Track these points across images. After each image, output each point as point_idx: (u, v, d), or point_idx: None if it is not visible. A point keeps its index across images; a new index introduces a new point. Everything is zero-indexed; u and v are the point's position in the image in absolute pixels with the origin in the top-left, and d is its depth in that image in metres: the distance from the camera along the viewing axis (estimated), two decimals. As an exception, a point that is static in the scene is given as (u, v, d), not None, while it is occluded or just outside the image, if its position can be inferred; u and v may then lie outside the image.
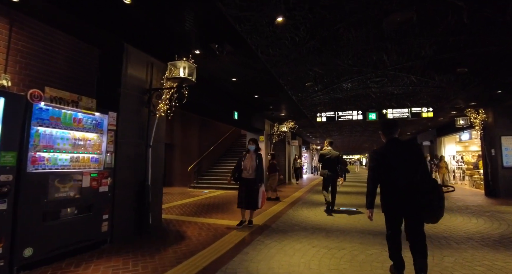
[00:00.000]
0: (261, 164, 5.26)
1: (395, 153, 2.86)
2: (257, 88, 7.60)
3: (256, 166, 5.20)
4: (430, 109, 8.38)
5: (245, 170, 5.28)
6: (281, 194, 10.18)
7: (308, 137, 21.83)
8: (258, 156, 5.30)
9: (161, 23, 4.33)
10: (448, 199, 9.01)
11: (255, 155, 5.33)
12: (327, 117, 9.25)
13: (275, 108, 9.97)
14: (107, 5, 3.77)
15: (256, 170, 5.19)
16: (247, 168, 5.26)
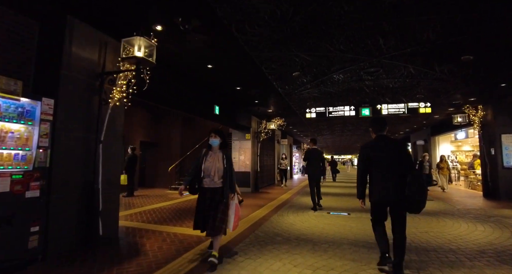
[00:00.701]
0: (231, 166, 3.69)
1: (382, 147, 3.11)
2: (238, 79, 6.80)
3: (224, 169, 3.55)
4: (428, 105, 7.73)
5: (207, 175, 3.53)
6: (268, 197, 9.40)
7: (299, 136, 21.14)
8: (226, 155, 3.66)
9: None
10: (446, 201, 8.38)
11: (222, 153, 3.66)
12: (317, 113, 8.53)
13: (261, 103, 9.18)
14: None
15: (225, 175, 3.55)
16: (210, 172, 3.51)
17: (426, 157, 10.86)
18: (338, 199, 8.92)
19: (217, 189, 3.52)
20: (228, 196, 3.54)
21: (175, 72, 6.11)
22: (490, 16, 4.09)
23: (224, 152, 3.70)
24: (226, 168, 3.56)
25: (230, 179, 3.59)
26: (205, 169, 3.54)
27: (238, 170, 11.18)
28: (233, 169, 3.78)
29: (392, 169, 2.99)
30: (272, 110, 10.33)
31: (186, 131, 13.28)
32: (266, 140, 13.23)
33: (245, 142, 11.20)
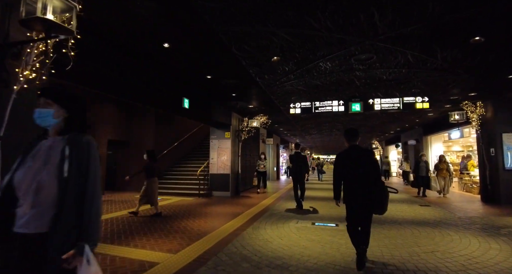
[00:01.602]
0: (92, 175, 1.47)
1: (354, 155, 3.54)
2: (206, 64, 5.73)
3: (59, 185, 1.39)
4: (425, 99, 6.88)
5: (21, 201, 1.40)
6: (247, 202, 8.38)
7: (286, 136, 20.22)
8: (76, 149, 1.46)
9: None
10: (443, 207, 7.54)
11: (64, 145, 1.47)
12: (302, 108, 7.57)
13: (239, 97, 8.15)
14: None
15: (60, 202, 1.38)
16: (21, 193, 1.39)
17: (423, 157, 10.00)
18: (325, 204, 7.98)
19: (34, 239, 1.36)
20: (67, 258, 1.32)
21: (121, 50, 4.97)
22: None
23: (71, 141, 1.49)
24: (68, 179, 1.40)
25: (76, 208, 1.40)
26: (16, 185, 1.42)
27: (216, 172, 10.13)
28: (97, 184, 1.49)
29: (361, 174, 3.39)
30: (253, 106, 9.32)
31: (161, 130, 12.13)
32: (250, 139, 12.20)
33: (224, 140, 10.15)
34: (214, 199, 9.25)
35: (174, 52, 5.07)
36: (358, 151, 3.58)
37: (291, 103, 7.67)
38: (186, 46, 4.80)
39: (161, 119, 12.06)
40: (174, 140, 12.69)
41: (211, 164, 10.22)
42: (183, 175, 11.38)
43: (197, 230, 5.13)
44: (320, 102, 7.45)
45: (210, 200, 9.14)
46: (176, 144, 12.56)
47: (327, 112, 7.41)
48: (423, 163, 9.80)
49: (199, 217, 6.31)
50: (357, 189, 3.39)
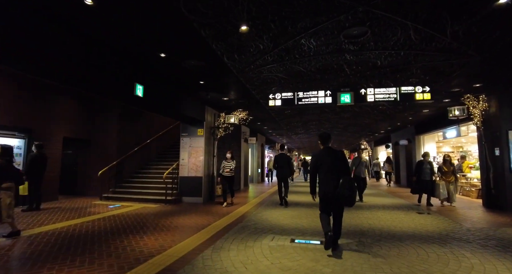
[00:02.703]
0: None
1: (327, 156, 4.08)
2: (153, 35, 4.46)
3: None
4: (426, 89, 5.84)
5: None
6: (220, 210, 7.14)
7: (272, 135, 19.08)
8: None
9: None
10: (447, 215, 6.52)
11: None
12: (283, 99, 6.43)
13: (209, 86, 6.92)
14: None
15: None
16: None
17: (427, 157, 8.20)
18: (309, 211, 6.83)
19: None
20: None
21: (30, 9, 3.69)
22: None
23: None
24: None
25: None
26: None
27: (187, 174, 8.86)
28: None
29: (333, 172, 3.93)
30: (228, 98, 8.10)
31: (127, 127, 10.76)
32: (229, 137, 10.99)
33: (197, 138, 8.89)
34: (182, 206, 7.97)
35: (103, 16, 3.79)
36: (331, 151, 4.13)
37: (271, 94, 6.50)
38: (116, 4, 3.52)
39: (127, 116, 10.68)
40: (144, 139, 11.33)
41: (181, 165, 8.94)
42: (151, 178, 10.04)
43: (138, 253, 3.87)
44: (304, 92, 6.31)
45: (178, 207, 7.86)
46: (144, 143, 11.19)
47: (312, 105, 6.28)
48: (427, 164, 8.03)
49: (151, 232, 5.05)
50: (329, 184, 3.88)
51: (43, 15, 3.81)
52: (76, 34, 4.29)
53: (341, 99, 6.11)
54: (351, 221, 5.98)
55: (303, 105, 6.37)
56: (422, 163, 8.17)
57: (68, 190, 10.56)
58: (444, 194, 7.61)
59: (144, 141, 11.31)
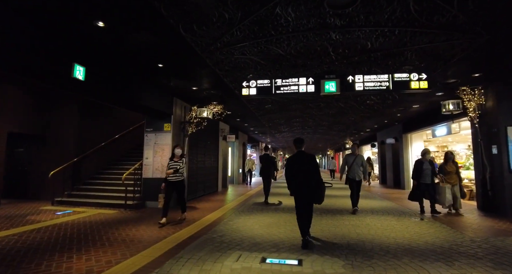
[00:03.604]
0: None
1: (300, 159, 4.49)
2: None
3: None
4: (423, 77, 5.05)
5: None
6: (188, 217, 6.05)
7: (254, 133, 18.15)
8: None
9: None
10: (444, 222, 5.76)
11: None
12: (258, 88, 5.48)
13: (170, 70, 5.85)
14: None
15: None
16: None
17: (427, 155, 6.78)
18: (288, 217, 5.92)
19: None
20: None
21: None
22: None
23: None
24: None
25: None
26: None
27: (151, 175, 7.76)
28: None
29: (305, 173, 4.35)
30: (197, 87, 7.05)
31: (88, 123, 9.52)
32: (204, 134, 9.96)
33: (163, 134, 7.80)
34: (144, 213, 6.88)
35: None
36: (303, 155, 4.52)
37: (245, 82, 5.53)
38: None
39: (89, 110, 9.44)
40: (109, 136, 10.11)
41: (145, 165, 7.83)
42: (112, 179, 8.87)
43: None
44: (282, 80, 5.38)
45: (138, 213, 6.77)
46: (109, 140, 9.98)
47: (292, 94, 5.35)
48: (428, 164, 6.65)
49: (87, 248, 3.97)
50: (302, 184, 4.32)
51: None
52: None
53: (325, 88, 5.22)
54: (337, 230, 5.10)
55: (282, 95, 5.43)
56: (421, 162, 6.72)
57: (18, 193, 9.23)
58: (449, 200, 6.44)
59: (110, 138, 10.09)
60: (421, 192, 6.64)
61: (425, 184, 6.61)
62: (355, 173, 6.74)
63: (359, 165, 6.74)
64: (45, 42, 4.11)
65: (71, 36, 4.26)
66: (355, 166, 6.74)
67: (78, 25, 3.94)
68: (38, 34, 4.00)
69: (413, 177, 6.85)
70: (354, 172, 6.75)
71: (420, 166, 6.71)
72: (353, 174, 6.76)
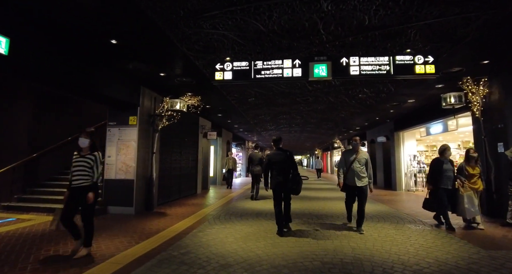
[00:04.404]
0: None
1: (279, 155, 4.92)
2: None
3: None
4: (429, 60, 4.26)
5: None
6: (152, 226, 5.11)
7: (240, 131, 17.21)
8: None
9: None
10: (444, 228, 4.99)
11: None
12: (234, 71, 4.55)
13: (127, 48, 4.83)
14: None
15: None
16: None
17: (447, 152, 5.32)
18: (270, 226, 5.02)
19: None
20: None
21: None
22: None
23: None
24: None
25: None
26: None
27: (114, 176, 6.72)
28: None
29: (283, 168, 4.82)
30: (166, 73, 6.03)
31: (46, 116, 8.34)
32: (182, 130, 8.98)
33: (128, 129, 6.76)
34: (102, 220, 5.84)
35: None
36: (281, 151, 4.97)
37: (218, 64, 4.58)
38: None
39: (47, 103, 8.27)
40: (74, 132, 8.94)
41: (107, 164, 6.77)
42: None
43: None
44: (264, 62, 4.47)
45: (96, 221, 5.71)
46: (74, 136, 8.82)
47: (276, 79, 4.45)
48: (449, 164, 5.27)
49: None
50: (279, 177, 4.77)
51: None
52: None
53: (314, 72, 4.34)
54: (327, 243, 4.24)
55: (263, 81, 4.53)
56: (441, 162, 5.23)
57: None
58: (473, 211, 4.99)
59: (75, 134, 8.92)
60: (440, 200, 5.16)
61: (445, 189, 5.12)
62: (356, 177, 4.92)
63: (362, 166, 4.98)
64: None
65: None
66: (356, 166, 4.96)
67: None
68: None
69: (429, 180, 5.41)
70: (354, 175, 4.94)
71: (439, 166, 5.21)
72: (353, 177, 4.95)
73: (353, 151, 5.17)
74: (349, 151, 5.29)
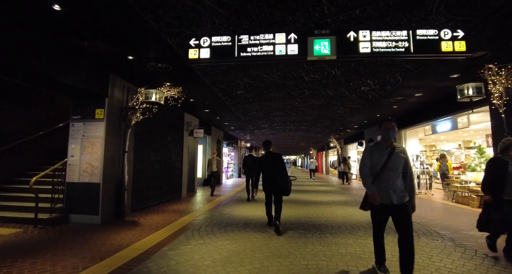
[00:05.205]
0: None
1: (269, 158, 5.33)
2: None
3: None
4: (459, 34, 3.38)
5: None
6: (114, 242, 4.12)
7: (231, 130, 16.25)
8: None
9: None
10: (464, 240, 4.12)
11: None
12: (213, 47, 3.61)
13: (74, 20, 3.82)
14: None
15: None
16: None
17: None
18: (258, 242, 4.11)
19: None
20: None
21: None
22: None
23: None
24: None
25: None
26: None
27: (78, 179, 5.72)
28: None
29: (273, 170, 5.15)
30: (135, 56, 5.03)
31: (9, 110, 7.27)
32: (159, 126, 8.00)
33: (94, 124, 5.76)
34: (59, 232, 4.85)
35: None
36: (271, 154, 5.40)
37: (193, 39, 3.64)
38: None
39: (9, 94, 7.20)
40: (42, 128, 7.91)
41: (69, 165, 5.76)
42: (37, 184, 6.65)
43: None
44: (251, 37, 3.54)
45: (49, 234, 4.73)
46: (40, 133, 7.78)
47: (265, 58, 3.53)
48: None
49: None
50: (270, 179, 5.15)
51: None
52: None
53: (314, 49, 3.42)
54: (330, 265, 3.33)
55: (249, 60, 3.59)
56: (503, 163, 3.67)
57: None
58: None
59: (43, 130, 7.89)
60: (505, 216, 3.53)
61: (509, 200, 3.53)
62: (390, 189, 2.94)
63: (399, 171, 2.99)
64: None
65: None
66: (391, 171, 2.97)
67: None
68: None
69: (485, 188, 3.80)
70: (387, 187, 2.96)
71: (501, 168, 3.65)
72: (386, 190, 2.96)
73: (386, 144, 3.07)
74: (378, 146, 3.14)
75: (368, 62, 5.54)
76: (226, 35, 3.57)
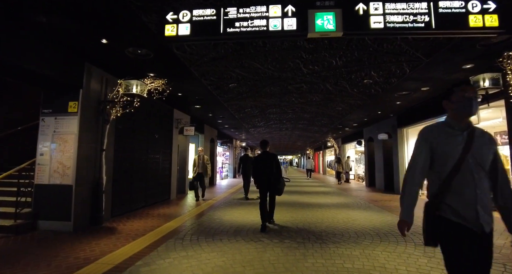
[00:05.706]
0: None
1: (264, 158, 5.43)
2: None
3: None
4: (489, 6, 2.84)
5: None
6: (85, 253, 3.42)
7: (226, 128, 15.64)
8: None
9: None
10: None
11: None
12: (194, 23, 3.02)
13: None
14: None
15: None
16: None
17: None
18: (250, 255, 3.53)
19: None
20: None
21: None
22: None
23: None
24: None
25: None
26: None
27: (48, 181, 5.07)
28: None
29: (268, 170, 5.24)
30: (107, 39, 4.41)
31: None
32: (145, 122, 7.39)
33: (66, 118, 5.12)
34: (22, 242, 4.20)
35: None
36: (267, 154, 5.51)
37: (171, 13, 3.03)
38: None
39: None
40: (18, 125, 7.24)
41: (39, 165, 5.12)
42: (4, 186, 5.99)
43: None
44: (239, 9, 2.95)
45: (15, 243, 4.08)
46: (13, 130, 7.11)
47: (257, 35, 2.94)
48: None
49: None
50: (264, 178, 5.21)
51: None
52: None
53: (316, 24, 2.84)
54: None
55: (238, 37, 3.00)
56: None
57: None
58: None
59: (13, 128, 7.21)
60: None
61: None
62: (478, 202, 1.57)
63: (484, 169, 1.64)
64: None
65: None
66: (474, 170, 1.62)
67: None
68: None
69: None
70: (473, 199, 1.58)
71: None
72: (471, 204, 1.58)
73: (460, 125, 1.72)
74: (444, 127, 1.77)
75: (373, 50, 4.97)
76: (210, 7, 2.96)
